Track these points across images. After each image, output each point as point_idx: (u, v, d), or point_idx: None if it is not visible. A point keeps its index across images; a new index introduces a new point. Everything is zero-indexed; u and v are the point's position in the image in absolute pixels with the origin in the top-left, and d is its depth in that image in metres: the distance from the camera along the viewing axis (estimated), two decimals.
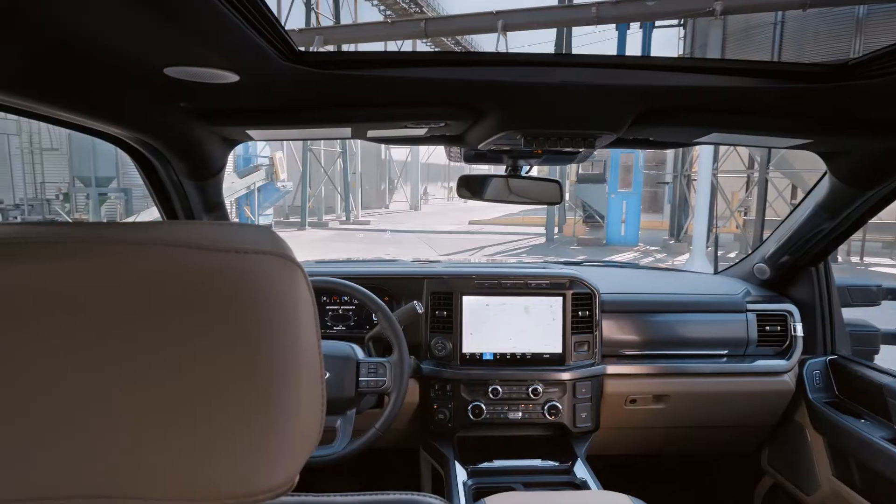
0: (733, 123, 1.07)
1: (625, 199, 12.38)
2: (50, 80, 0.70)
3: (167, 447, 0.39)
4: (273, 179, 14.15)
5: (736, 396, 1.65)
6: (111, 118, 0.90)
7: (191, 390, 0.38)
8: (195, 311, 0.38)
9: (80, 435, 0.38)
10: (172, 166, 1.16)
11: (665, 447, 1.80)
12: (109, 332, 0.37)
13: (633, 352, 1.64)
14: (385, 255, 2.06)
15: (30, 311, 0.37)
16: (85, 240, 0.38)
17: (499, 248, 12.57)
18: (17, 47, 0.59)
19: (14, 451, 0.38)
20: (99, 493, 0.40)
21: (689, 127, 1.09)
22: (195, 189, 1.25)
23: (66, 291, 0.37)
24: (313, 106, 0.98)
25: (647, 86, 0.95)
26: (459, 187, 1.49)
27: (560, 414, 1.56)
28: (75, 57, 0.65)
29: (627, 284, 1.78)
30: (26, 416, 0.38)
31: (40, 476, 0.38)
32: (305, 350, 0.43)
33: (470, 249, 12.04)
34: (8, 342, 0.37)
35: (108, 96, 0.81)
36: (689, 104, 1.03)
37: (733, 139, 1.17)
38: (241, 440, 0.39)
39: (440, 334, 1.60)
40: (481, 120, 1.10)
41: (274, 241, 0.43)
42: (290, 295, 0.42)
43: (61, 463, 0.38)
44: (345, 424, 1.33)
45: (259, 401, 0.40)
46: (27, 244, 0.37)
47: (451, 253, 11.25)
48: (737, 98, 0.99)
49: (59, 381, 0.37)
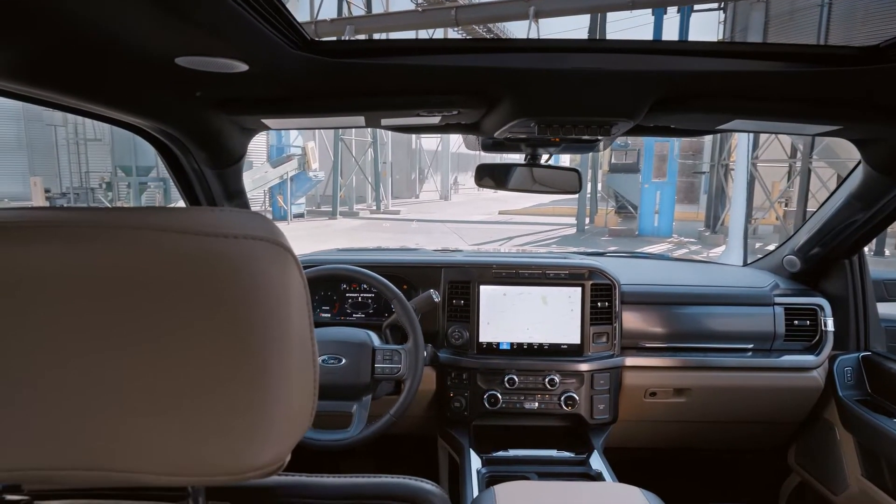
0: (756, 110, 1.03)
1: (659, 189, 12.09)
2: (66, 72, 0.72)
3: (160, 425, 0.40)
4: (305, 169, 14.37)
5: (761, 392, 1.60)
6: (130, 108, 0.93)
7: (182, 371, 0.40)
8: (186, 294, 0.39)
9: (79, 410, 0.40)
10: (193, 155, 1.18)
11: (686, 441, 1.77)
12: (106, 314, 0.39)
13: (653, 344, 1.61)
14: (413, 245, 2.07)
15: (30, 292, 0.38)
16: (82, 224, 0.39)
17: (528, 238, 12.47)
18: (34, 40, 0.62)
19: (19, 424, 0.40)
20: (97, 466, 0.41)
21: (710, 114, 1.06)
22: (216, 177, 1.27)
23: (64, 274, 0.38)
24: (326, 94, 0.99)
25: (664, 71, 0.93)
26: (477, 176, 1.49)
27: (577, 405, 1.55)
28: (89, 48, 0.67)
29: (651, 276, 1.75)
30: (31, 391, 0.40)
31: (43, 448, 0.40)
32: (296, 335, 0.44)
33: (499, 239, 11.99)
34: (9, 321, 0.39)
35: (124, 86, 0.84)
36: (709, 90, 1.00)
37: (757, 126, 1.13)
38: (231, 420, 0.41)
39: (457, 323, 1.60)
40: (495, 108, 1.09)
41: (266, 227, 0.43)
42: (281, 280, 0.43)
43: (62, 436, 0.40)
44: (360, 410, 1.35)
45: (248, 383, 0.41)
46: (26, 228, 0.39)
47: (479, 243, 11.23)
48: (760, 83, 0.95)
49: (59, 360, 0.39)
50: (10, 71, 0.66)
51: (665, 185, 12.14)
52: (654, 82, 0.97)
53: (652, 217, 12.17)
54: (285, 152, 14.46)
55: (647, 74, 0.93)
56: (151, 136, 1.13)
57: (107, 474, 0.41)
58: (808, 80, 0.92)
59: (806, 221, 1.61)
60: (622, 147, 13.36)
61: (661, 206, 12.12)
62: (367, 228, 13.51)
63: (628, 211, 13.77)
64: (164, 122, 1.04)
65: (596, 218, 14.12)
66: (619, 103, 1.04)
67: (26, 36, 0.60)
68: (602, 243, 11.60)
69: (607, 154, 13.69)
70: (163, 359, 0.40)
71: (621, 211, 14.21)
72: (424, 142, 24.20)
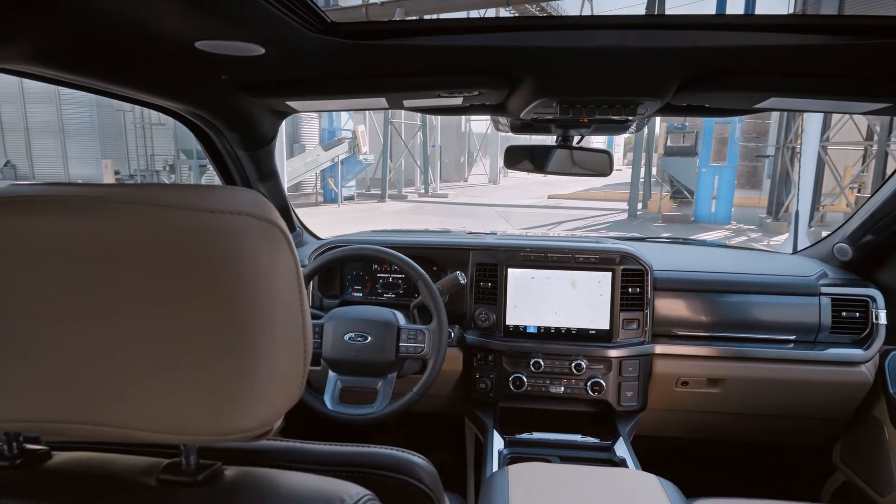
0: (795, 87, 0.97)
1: (717, 173, 11.55)
2: (94, 56, 0.77)
3: (154, 386, 0.43)
4: (355, 152, 14.60)
5: (803, 386, 1.53)
6: (161, 92, 0.97)
7: (173, 337, 0.42)
8: (177, 265, 0.41)
9: (84, 370, 0.43)
10: (226, 137, 1.23)
11: (721, 434, 1.71)
12: (106, 281, 0.42)
13: (686, 332, 1.57)
14: (461, 228, 2.08)
15: (38, 258, 0.42)
16: (87, 198, 0.42)
17: (577, 223, 12.23)
18: (62, 26, 0.66)
19: (32, 380, 0.44)
20: (100, 422, 0.45)
21: (744, 92, 1.00)
22: (248, 159, 1.32)
23: (69, 243, 0.42)
24: (346, 77, 1.01)
25: (693, 48, 0.89)
26: (506, 158, 1.48)
27: (604, 391, 1.53)
28: (114, 34, 0.71)
29: (689, 262, 1.69)
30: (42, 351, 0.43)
31: (52, 402, 0.44)
32: (284, 308, 0.46)
33: (547, 224, 11.82)
34: (19, 284, 0.42)
35: (150, 70, 0.88)
36: (742, 66, 0.95)
37: (797, 104, 1.06)
38: (217, 385, 0.43)
39: (484, 305, 1.61)
40: (517, 88, 1.07)
41: (257, 204, 0.45)
42: (269, 256, 0.45)
43: (69, 393, 0.44)
44: (385, 387, 1.38)
45: (233, 351, 0.43)
46: (36, 201, 0.43)
47: (527, 227, 11.11)
48: (798, 58, 0.90)
49: (65, 323, 0.43)
50: (43, 56, 0.71)
51: (724, 169, 11.58)
52: (682, 59, 0.93)
53: (709, 203, 11.66)
54: (337, 136, 14.73)
55: (674, 51, 0.90)
56: (187, 120, 1.19)
57: (109, 429, 0.45)
58: (854, 53, 0.86)
59: (859, 207, 1.51)
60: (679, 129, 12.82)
61: (720, 191, 11.57)
62: (415, 212, 13.63)
63: (684, 196, 13.25)
64: (195, 105, 1.08)
65: (649, 203, 13.66)
66: (645, 82, 1.00)
67: (54, 23, 0.64)
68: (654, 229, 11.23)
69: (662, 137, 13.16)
70: (156, 324, 0.43)
71: (676, 196, 13.68)
72: (474, 125, 24.02)
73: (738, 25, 0.85)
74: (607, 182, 22.00)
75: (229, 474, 0.49)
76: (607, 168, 1.40)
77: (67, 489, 0.46)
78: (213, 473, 0.48)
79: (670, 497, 1.05)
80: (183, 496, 0.45)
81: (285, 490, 0.46)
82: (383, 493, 0.52)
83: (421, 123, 17.38)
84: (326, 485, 0.47)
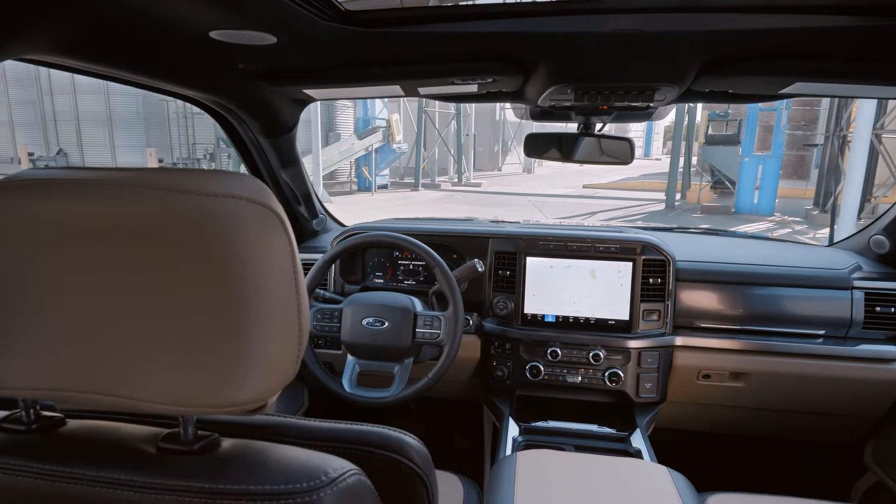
0: (822, 71, 0.93)
1: (761, 162, 11.10)
2: (112, 46, 0.80)
3: (155, 360, 0.46)
4: (389, 141, 14.68)
5: (832, 382, 1.48)
6: (183, 82, 1.01)
7: (172, 313, 0.45)
8: (176, 246, 0.44)
9: (92, 343, 0.46)
10: (248, 125, 1.27)
11: (744, 429, 1.68)
12: (111, 259, 0.45)
13: (709, 324, 1.53)
14: (492, 217, 2.09)
15: (51, 237, 0.45)
16: (90, 181, 0.45)
17: (613, 213, 12.00)
18: (79, 17, 0.69)
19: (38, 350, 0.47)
20: (107, 392, 0.48)
21: (767, 76, 0.97)
22: (270, 146, 1.36)
23: (77, 222, 0.45)
24: (360, 64, 1.02)
25: (712, 31, 0.86)
26: (526, 146, 1.47)
27: (621, 382, 1.51)
28: (130, 24, 0.74)
29: (715, 253, 1.65)
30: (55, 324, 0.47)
31: (56, 371, 0.48)
32: (277, 292, 0.48)
33: (581, 214, 11.64)
34: (34, 261, 0.46)
35: (169, 60, 0.91)
36: (764, 51, 0.91)
37: (824, 89, 1.02)
38: (212, 361, 0.46)
39: (503, 293, 1.61)
40: (532, 75, 1.06)
41: (254, 189, 0.47)
42: (263, 239, 0.47)
43: (71, 363, 0.47)
44: (402, 371, 1.41)
45: (227, 330, 0.45)
46: (47, 184, 0.46)
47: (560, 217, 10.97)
48: (824, 40, 0.86)
49: (72, 297, 0.46)
50: (65, 47, 0.74)
51: (768, 158, 11.13)
52: (700, 43, 0.90)
53: (751, 193, 11.24)
54: (371, 125, 14.83)
55: (692, 35, 0.87)
56: (212, 109, 1.22)
57: (113, 399, 0.48)
58: (885, 34, 0.82)
59: None
60: (721, 117, 12.36)
61: (763, 181, 11.13)
62: (447, 201, 13.63)
63: (725, 186, 12.80)
64: (217, 94, 1.12)
65: (688, 193, 13.26)
66: (662, 67, 0.98)
67: (73, 14, 0.68)
68: (692, 220, 10.93)
69: (703, 125, 12.72)
70: (157, 302, 0.45)
71: (717, 186, 13.23)
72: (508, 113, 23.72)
73: (760, 7, 0.82)
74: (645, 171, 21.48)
75: (225, 445, 0.51)
76: (628, 156, 1.38)
77: (76, 453, 0.49)
78: (210, 444, 0.51)
79: (679, 489, 1.04)
80: (179, 463, 0.48)
81: (274, 461, 0.48)
82: (372, 469, 0.54)
83: (455, 112, 17.30)
84: (313, 458, 0.49)
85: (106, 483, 0.46)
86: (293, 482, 0.45)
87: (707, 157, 12.99)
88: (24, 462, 0.48)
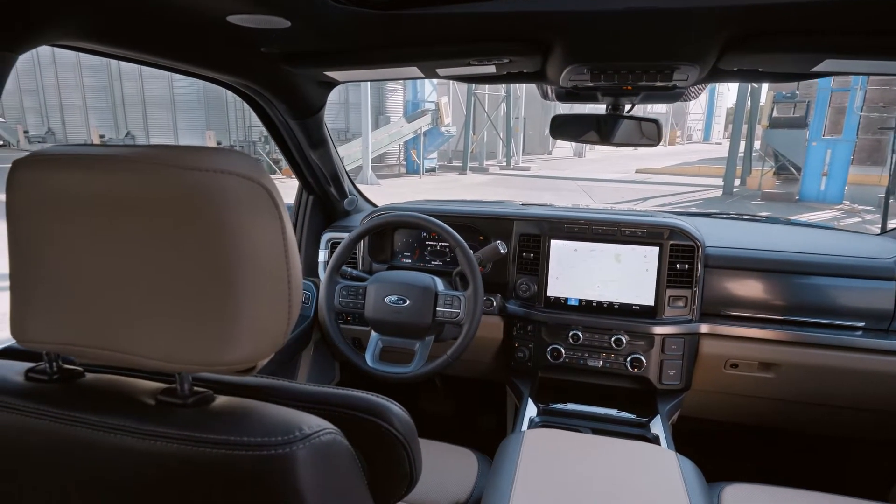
0: (850, 46, 0.88)
1: (830, 146, 10.41)
2: (135, 31, 0.86)
3: (154, 320, 0.51)
4: (438, 124, 14.68)
5: (872, 376, 1.41)
6: (208, 65, 1.06)
7: (170, 278, 0.50)
8: (177, 215, 0.48)
9: (95, 302, 0.52)
10: (276, 107, 1.32)
11: (772, 421, 1.62)
12: (117, 228, 0.50)
13: (738, 312, 1.49)
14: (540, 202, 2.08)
15: (65, 207, 0.50)
16: (106, 158, 0.50)
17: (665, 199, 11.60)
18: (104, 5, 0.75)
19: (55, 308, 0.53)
20: (114, 348, 0.53)
21: (792, 54, 0.93)
22: (299, 127, 1.40)
23: (87, 194, 0.50)
24: (376, 46, 1.04)
25: (731, 6, 0.83)
26: (552, 127, 1.46)
27: (643, 367, 1.49)
28: (151, 11, 0.79)
29: (754, 240, 1.58)
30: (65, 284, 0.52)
31: (70, 328, 0.53)
32: (268, 261, 0.52)
33: (632, 200, 11.31)
34: (52, 228, 0.51)
35: (193, 45, 0.96)
36: (787, 26, 0.87)
37: (855, 66, 0.96)
38: (205, 323, 0.50)
39: (526, 276, 1.61)
40: (549, 55, 1.05)
41: (247, 165, 0.51)
42: (252, 211, 0.50)
43: (83, 321, 0.53)
44: (422, 349, 1.45)
45: (218, 295, 0.49)
46: (62, 159, 0.51)
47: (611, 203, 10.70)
48: (850, 14, 0.81)
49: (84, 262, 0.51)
50: (93, 33, 0.80)
51: (839, 142, 10.42)
52: (718, 20, 0.87)
53: (818, 180, 10.58)
54: (420, 108, 14.87)
55: (709, 11, 0.84)
56: (241, 92, 1.28)
57: (118, 355, 0.53)
58: None
59: None
60: (788, 98, 11.63)
61: (832, 167, 10.45)
62: (495, 184, 13.54)
63: (789, 172, 12.10)
64: (243, 77, 1.17)
65: (748, 179, 12.63)
66: (680, 45, 0.95)
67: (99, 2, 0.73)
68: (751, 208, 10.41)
69: (768, 106, 12.01)
70: (157, 268, 0.50)
71: (781, 172, 12.52)
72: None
73: None
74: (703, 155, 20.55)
75: (217, 402, 0.56)
76: (655, 137, 1.34)
77: (88, 401, 0.55)
78: (203, 399, 0.55)
79: (685, 476, 1.03)
80: (174, 415, 0.53)
81: (256, 417, 0.52)
82: (352, 430, 0.57)
83: (505, 94, 17.08)
84: (293, 416, 0.53)
85: (108, 428, 0.51)
86: (270, 435, 0.49)
87: (770, 140, 12.29)
88: (44, 407, 0.54)
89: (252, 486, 0.48)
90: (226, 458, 0.48)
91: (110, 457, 0.51)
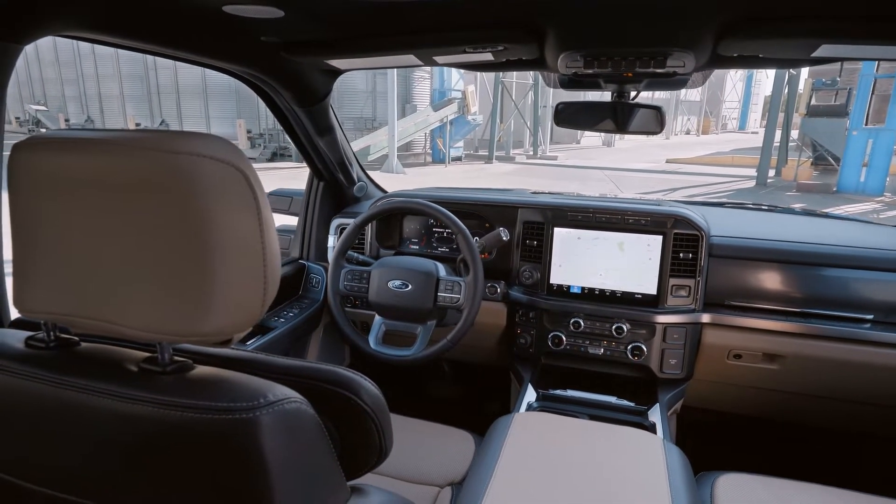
0: (847, 31, 0.86)
1: (872, 136, 9.99)
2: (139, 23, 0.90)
3: (136, 292, 0.55)
4: (464, 113, 14.62)
5: (881, 370, 1.38)
6: (211, 54, 1.10)
7: (150, 253, 0.53)
8: (158, 195, 0.52)
9: (84, 274, 0.56)
10: (282, 95, 1.35)
11: (775, 413, 1.60)
12: (105, 205, 0.54)
13: (742, 303, 1.47)
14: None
15: (61, 186, 0.55)
16: (94, 141, 0.54)
17: (696, 190, 11.34)
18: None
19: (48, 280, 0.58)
20: (100, 318, 0.58)
21: (787, 39, 0.91)
22: (305, 115, 1.44)
23: (76, 174, 0.54)
24: (371, 34, 1.06)
25: None
26: (556, 115, 1.46)
27: (644, 356, 1.50)
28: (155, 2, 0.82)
29: (759, 229, 1.56)
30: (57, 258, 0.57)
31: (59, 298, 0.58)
32: (242, 241, 0.55)
33: (662, 190, 11.09)
34: (46, 207, 0.56)
35: (194, 35, 1.00)
36: (780, 11, 0.86)
37: (853, 51, 0.94)
38: (180, 297, 0.54)
39: (529, 263, 1.63)
40: (544, 42, 1.06)
41: (223, 149, 0.55)
42: (228, 192, 0.54)
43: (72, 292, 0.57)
44: (424, 333, 1.48)
45: (193, 271, 0.53)
46: (60, 142, 0.55)
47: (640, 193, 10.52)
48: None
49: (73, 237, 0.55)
50: (98, 24, 0.85)
51: (881, 131, 9.99)
52: (714, 5, 0.86)
53: (858, 171, 10.18)
54: (447, 96, 14.82)
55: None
56: (248, 81, 1.32)
57: (102, 324, 0.57)
58: None
59: None
60: (827, 86, 11.17)
61: (873, 157, 10.03)
62: (521, 174, 13.45)
63: (828, 163, 11.68)
64: (247, 66, 1.20)
65: (784, 170, 12.22)
66: (671, 31, 0.95)
67: None
68: (785, 199, 10.10)
69: (806, 94, 11.57)
70: (139, 244, 0.54)
71: (818, 162, 12.09)
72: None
73: None
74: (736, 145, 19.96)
75: (194, 371, 0.60)
76: (656, 125, 1.33)
77: (79, 367, 0.60)
78: (181, 367, 0.59)
79: (669, 463, 1.03)
80: (154, 381, 0.57)
81: (227, 385, 0.56)
82: (323, 402, 0.61)
83: (532, 83, 16.88)
84: (261, 385, 0.56)
85: (95, 392, 0.56)
86: (237, 401, 0.53)
87: (808, 130, 11.86)
88: (39, 371, 0.59)
89: (219, 447, 0.52)
90: (195, 420, 0.52)
91: (96, 417, 0.56)
